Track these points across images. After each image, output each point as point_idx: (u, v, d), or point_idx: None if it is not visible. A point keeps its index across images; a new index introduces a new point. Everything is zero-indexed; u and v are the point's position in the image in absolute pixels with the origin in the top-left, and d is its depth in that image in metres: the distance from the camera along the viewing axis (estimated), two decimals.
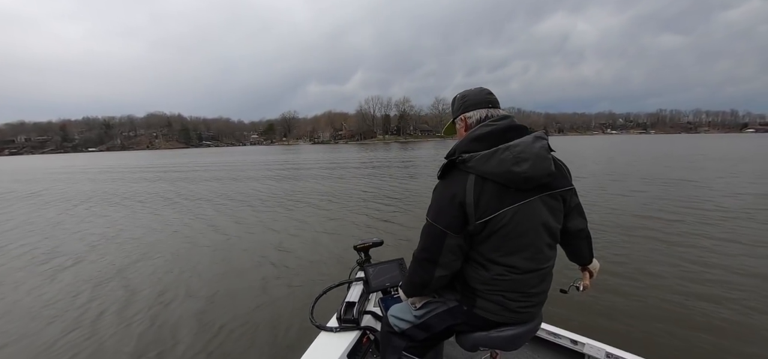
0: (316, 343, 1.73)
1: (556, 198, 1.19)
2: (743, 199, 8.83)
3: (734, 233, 5.90)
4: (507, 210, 1.07)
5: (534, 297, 1.20)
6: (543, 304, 1.26)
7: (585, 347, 1.80)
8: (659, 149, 32.78)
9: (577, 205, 1.32)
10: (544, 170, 1.09)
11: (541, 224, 1.14)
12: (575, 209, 1.32)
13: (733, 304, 3.54)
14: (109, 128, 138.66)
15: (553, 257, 1.23)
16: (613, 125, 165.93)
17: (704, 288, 3.90)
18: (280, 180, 16.13)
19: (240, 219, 8.26)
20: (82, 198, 12.65)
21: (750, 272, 4.31)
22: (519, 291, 1.15)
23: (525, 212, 1.10)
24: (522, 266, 1.13)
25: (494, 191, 1.07)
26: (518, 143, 1.08)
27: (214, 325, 3.55)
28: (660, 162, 19.47)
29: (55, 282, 4.74)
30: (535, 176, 1.07)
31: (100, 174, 23.60)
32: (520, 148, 1.07)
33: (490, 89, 1.28)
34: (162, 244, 6.45)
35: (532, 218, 1.12)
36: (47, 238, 7.14)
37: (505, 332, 1.19)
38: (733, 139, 66.41)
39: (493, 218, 1.07)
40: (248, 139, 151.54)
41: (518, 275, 1.13)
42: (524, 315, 1.20)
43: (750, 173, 13.87)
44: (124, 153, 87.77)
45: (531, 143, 1.09)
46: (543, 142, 1.12)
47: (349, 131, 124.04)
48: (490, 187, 1.07)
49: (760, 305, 3.51)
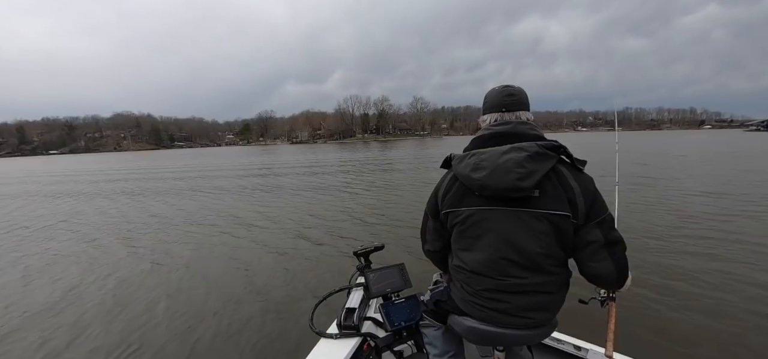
0: (316, 350, 1.70)
1: (539, 218, 1.08)
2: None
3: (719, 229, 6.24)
4: (464, 210, 1.18)
5: (496, 302, 1.16)
6: (524, 320, 1.16)
7: (588, 353, 1.77)
8: (636, 146, 34.21)
9: (598, 242, 1.07)
10: (503, 183, 1.06)
11: (503, 237, 1.11)
12: (594, 247, 1.08)
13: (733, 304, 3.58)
14: (72, 129, 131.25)
15: (522, 277, 1.12)
16: (583, 122, 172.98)
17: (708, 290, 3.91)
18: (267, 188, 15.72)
19: (234, 223, 8.01)
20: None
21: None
22: (473, 287, 1.21)
23: (482, 217, 1.14)
24: (474, 268, 1.18)
25: (458, 190, 1.19)
26: (487, 151, 1.14)
27: (212, 334, 3.46)
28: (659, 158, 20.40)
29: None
30: (490, 186, 1.08)
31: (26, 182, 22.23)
32: (485, 156, 1.13)
33: (511, 89, 1.22)
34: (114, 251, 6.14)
35: (490, 227, 1.13)
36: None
37: (466, 321, 1.25)
38: (694, 134, 70.19)
39: (451, 213, 1.22)
40: (223, 139, 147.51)
41: (470, 273, 1.20)
42: (483, 313, 1.19)
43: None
44: (82, 156, 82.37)
45: (502, 153, 1.09)
46: (518, 155, 1.06)
47: (328, 130, 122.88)
48: (457, 186, 1.20)
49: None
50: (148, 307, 4.04)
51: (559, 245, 1.10)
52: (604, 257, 1.07)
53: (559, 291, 1.18)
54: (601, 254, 1.07)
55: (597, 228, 1.07)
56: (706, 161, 17.59)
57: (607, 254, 1.07)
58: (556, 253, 1.11)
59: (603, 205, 1.09)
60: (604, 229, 1.07)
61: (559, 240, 1.09)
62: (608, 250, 1.07)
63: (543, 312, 1.17)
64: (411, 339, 1.93)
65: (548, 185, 1.07)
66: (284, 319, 3.71)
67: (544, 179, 1.07)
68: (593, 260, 1.09)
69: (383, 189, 12.39)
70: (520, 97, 1.20)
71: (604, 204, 1.10)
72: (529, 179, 1.04)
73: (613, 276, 1.09)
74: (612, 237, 1.08)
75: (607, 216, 1.09)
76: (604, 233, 1.07)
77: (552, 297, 1.16)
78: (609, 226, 1.08)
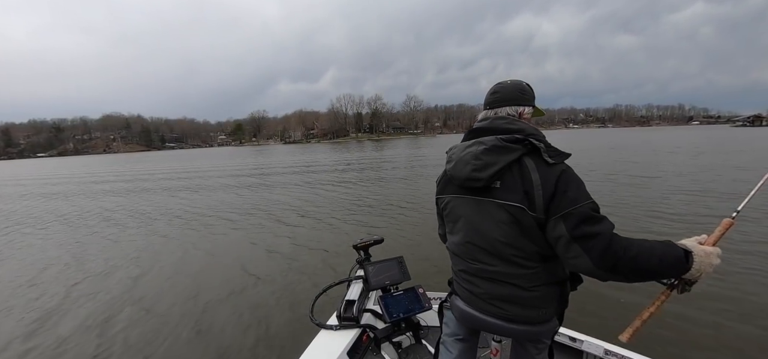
0: (316, 341, 1.74)
1: (499, 208, 1.11)
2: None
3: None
4: (446, 196, 1.32)
5: (470, 284, 1.26)
6: (498, 310, 1.19)
7: (584, 344, 1.80)
8: (627, 142, 34.64)
9: (564, 238, 1.01)
10: (462, 173, 1.17)
11: (471, 224, 1.21)
12: (562, 242, 1.02)
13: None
14: (59, 131, 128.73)
15: (489, 264, 1.17)
16: (574, 119, 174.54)
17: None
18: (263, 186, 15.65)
19: (233, 223, 8.01)
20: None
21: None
22: (455, 268, 1.35)
23: (456, 204, 1.27)
24: (453, 250, 1.34)
25: (443, 179, 1.34)
26: (457, 146, 1.26)
27: (214, 325, 3.50)
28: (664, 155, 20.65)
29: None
30: (455, 176, 1.22)
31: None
32: (455, 150, 1.25)
33: (497, 86, 1.26)
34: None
35: (461, 213, 1.25)
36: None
37: (456, 301, 1.35)
38: (683, 131, 70.99)
39: (439, 199, 1.38)
40: (216, 140, 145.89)
41: (452, 255, 1.35)
42: (462, 293, 1.31)
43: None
44: (69, 159, 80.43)
45: (465, 147, 1.20)
46: (477, 148, 1.14)
47: (321, 130, 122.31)
48: (444, 175, 1.33)
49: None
50: (155, 302, 4.04)
51: (525, 238, 1.09)
52: (578, 252, 1.00)
53: (539, 289, 1.14)
54: (573, 250, 1.00)
55: (561, 223, 1.01)
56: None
57: (581, 250, 0.99)
58: (523, 245, 1.10)
59: (570, 198, 1.02)
60: (570, 224, 1.00)
61: (521, 232, 1.09)
62: (581, 245, 0.99)
63: (519, 307, 1.16)
64: (409, 330, 1.97)
65: (509, 176, 1.10)
66: (284, 311, 3.75)
67: (505, 171, 1.10)
68: (567, 255, 1.02)
69: (381, 184, 12.42)
70: (503, 93, 1.23)
71: (574, 197, 1.02)
72: (483, 171, 1.11)
73: (594, 271, 1.00)
74: (581, 232, 0.99)
75: (576, 210, 1.00)
76: (569, 228, 1.00)
77: (531, 294, 1.14)
78: (577, 220, 1.00)
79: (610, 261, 0.97)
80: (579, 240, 0.99)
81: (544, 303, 1.17)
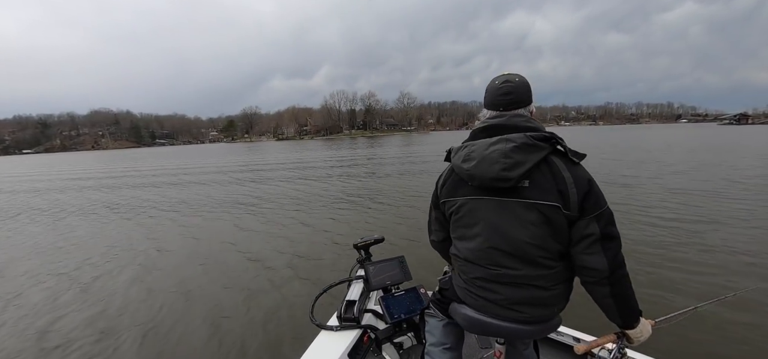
0: (316, 342, 1.71)
1: (528, 209, 1.07)
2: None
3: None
4: (458, 199, 1.21)
5: (488, 292, 1.18)
6: (517, 314, 1.17)
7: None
8: (626, 141, 35.08)
9: (594, 236, 1.05)
10: (489, 172, 1.08)
11: (493, 227, 1.13)
12: (590, 240, 1.06)
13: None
14: (46, 127, 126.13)
15: (513, 268, 1.13)
16: (566, 117, 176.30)
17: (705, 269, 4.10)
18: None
19: (231, 222, 7.88)
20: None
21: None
22: (467, 275, 1.24)
23: (474, 206, 1.18)
24: (467, 256, 1.22)
25: (454, 181, 1.23)
26: (476, 143, 1.16)
27: (214, 326, 3.48)
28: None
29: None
30: (477, 176, 1.11)
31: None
32: (474, 148, 1.15)
33: (508, 87, 1.18)
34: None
35: (481, 216, 1.16)
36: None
37: (462, 309, 1.28)
38: (674, 129, 72.26)
39: (447, 202, 1.26)
40: (207, 136, 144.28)
41: (464, 261, 1.24)
42: (477, 301, 1.22)
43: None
44: (53, 156, 78.40)
45: (489, 144, 1.11)
46: (505, 146, 1.07)
47: (314, 126, 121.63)
48: (453, 176, 1.24)
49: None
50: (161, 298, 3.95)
51: (553, 238, 1.08)
52: (598, 250, 1.05)
53: (557, 288, 1.15)
54: (595, 247, 1.05)
55: (594, 222, 1.04)
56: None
57: (601, 248, 1.04)
58: (550, 245, 1.09)
59: (600, 198, 1.06)
60: (602, 223, 1.05)
61: (552, 232, 1.07)
62: (602, 244, 1.04)
63: (539, 307, 1.15)
64: (411, 331, 1.95)
65: (538, 175, 1.06)
66: (284, 312, 3.72)
67: (533, 170, 1.06)
68: (587, 251, 1.06)
69: (378, 181, 12.40)
70: (516, 95, 1.17)
71: (602, 198, 1.07)
72: (514, 170, 1.05)
73: (605, 271, 1.05)
74: (608, 232, 1.05)
75: (606, 210, 1.06)
76: (601, 227, 1.04)
77: (550, 293, 1.14)
78: (607, 221, 1.06)
79: (617, 264, 1.06)
80: (603, 240, 1.05)
81: (558, 300, 1.18)
